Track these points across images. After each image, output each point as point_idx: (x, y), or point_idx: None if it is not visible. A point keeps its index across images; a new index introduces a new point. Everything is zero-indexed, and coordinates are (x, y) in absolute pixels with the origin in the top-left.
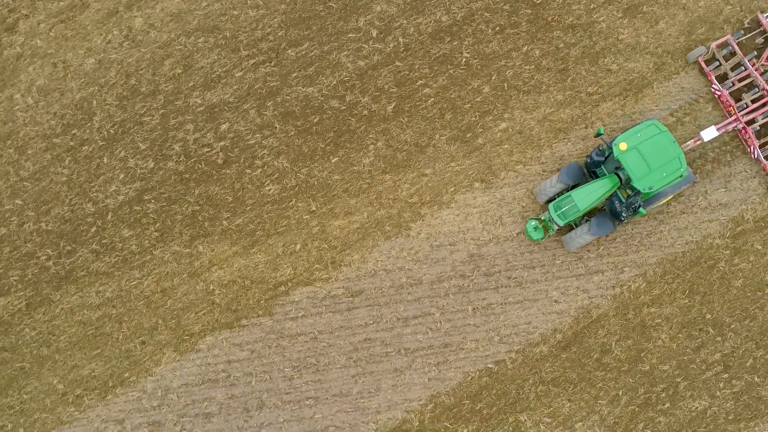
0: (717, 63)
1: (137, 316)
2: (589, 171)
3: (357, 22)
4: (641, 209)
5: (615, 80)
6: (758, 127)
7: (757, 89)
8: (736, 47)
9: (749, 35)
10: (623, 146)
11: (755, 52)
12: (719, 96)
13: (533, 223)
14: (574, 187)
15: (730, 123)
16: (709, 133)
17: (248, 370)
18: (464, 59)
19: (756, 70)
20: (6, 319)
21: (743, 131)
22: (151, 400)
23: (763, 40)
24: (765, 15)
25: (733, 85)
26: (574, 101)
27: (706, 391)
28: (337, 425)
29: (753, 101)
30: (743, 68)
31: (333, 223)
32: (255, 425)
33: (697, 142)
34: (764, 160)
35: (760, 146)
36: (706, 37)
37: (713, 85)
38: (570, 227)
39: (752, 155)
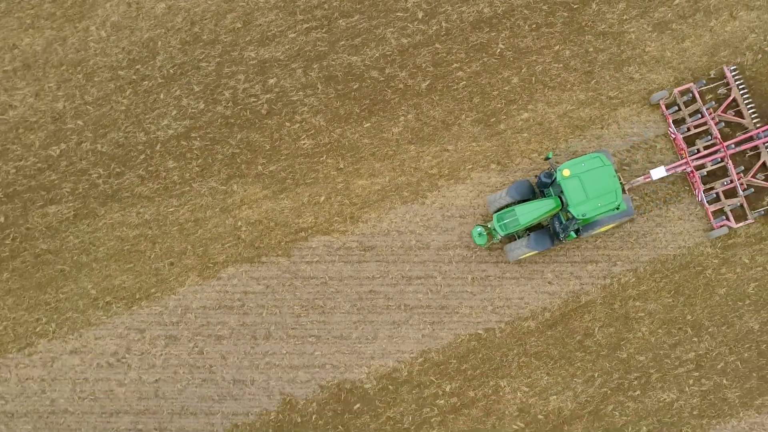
0: (677, 108)
1: (170, 240)
2: (540, 190)
3: (406, 2)
4: (572, 233)
5: (636, 88)
6: (705, 173)
7: (710, 137)
8: (697, 95)
9: (712, 86)
10: (566, 173)
11: (713, 102)
12: (674, 139)
13: (479, 229)
14: (521, 202)
15: (680, 165)
16: (659, 173)
17: (261, 303)
18: (499, 50)
19: (712, 119)
20: (54, 225)
21: (691, 174)
22: (171, 317)
23: (725, 91)
24: (730, 68)
25: (689, 130)
26: (594, 102)
27: (676, 385)
28: (334, 364)
29: (705, 148)
30: (700, 116)
31: (357, 182)
32: (260, 353)
33: (647, 179)
34: (707, 204)
35: (705, 191)
36: (728, 60)
37: (670, 128)
38: (513, 238)
39: (697, 198)
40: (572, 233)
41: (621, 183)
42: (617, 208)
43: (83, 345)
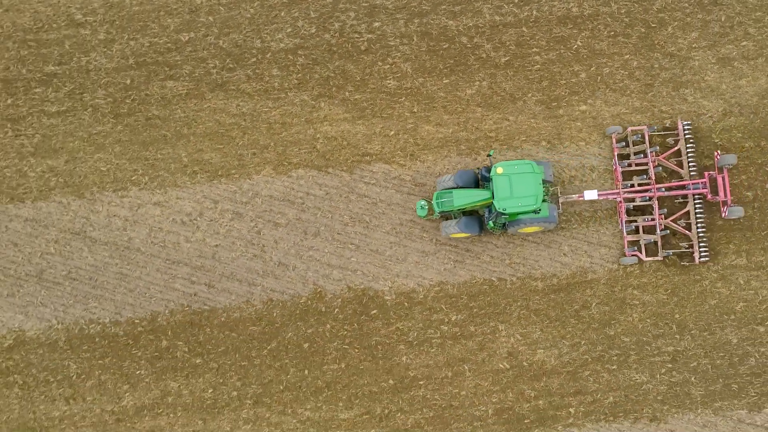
0: (625, 143)
1: (257, 134)
2: (483, 181)
3: None
4: (491, 223)
5: (686, 109)
6: (632, 207)
7: (645, 177)
8: (647, 138)
9: (663, 133)
10: (499, 171)
11: (657, 147)
12: (614, 169)
13: (422, 202)
14: (462, 188)
15: (611, 194)
16: (591, 195)
17: (318, 205)
18: (576, 46)
19: (652, 161)
20: (168, 97)
21: (620, 204)
22: (242, 197)
23: (673, 141)
24: (684, 122)
25: (630, 166)
26: (646, 112)
27: (649, 370)
28: (364, 272)
29: (639, 185)
30: (643, 156)
31: (425, 126)
32: (306, 246)
33: (580, 198)
34: (625, 233)
35: (627, 221)
36: None
37: (614, 160)
38: (450, 217)
39: (620, 226)
40: (491, 223)
41: (556, 193)
42: (536, 212)
43: (166, 200)
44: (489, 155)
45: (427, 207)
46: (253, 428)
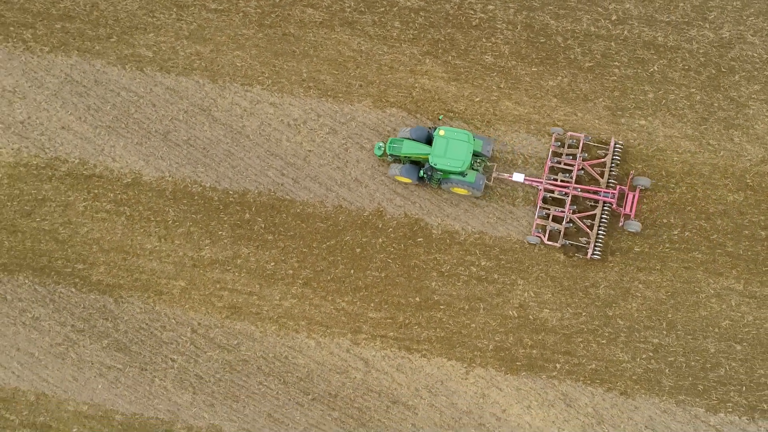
0: (560, 144)
1: (367, 71)
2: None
3: (609, 3)
4: (421, 171)
5: (730, 146)
6: (549, 197)
7: (568, 175)
8: (581, 145)
9: (597, 145)
10: (441, 133)
11: (586, 154)
12: (546, 162)
13: (380, 144)
14: (414, 140)
15: (534, 181)
16: (518, 177)
17: None
18: (651, 70)
19: (578, 165)
20: (305, 21)
21: (539, 192)
22: (341, 118)
23: (603, 154)
24: (615, 143)
25: (559, 163)
26: (695, 140)
27: (632, 352)
28: (422, 206)
29: (562, 181)
30: (572, 158)
31: (505, 102)
32: (381, 171)
33: (509, 178)
34: (537, 218)
35: (541, 207)
36: None
37: (548, 154)
38: (399, 161)
39: (535, 210)
40: (422, 172)
41: (491, 168)
42: (463, 175)
43: (280, 103)
44: (439, 118)
45: (382, 149)
46: (297, 303)
